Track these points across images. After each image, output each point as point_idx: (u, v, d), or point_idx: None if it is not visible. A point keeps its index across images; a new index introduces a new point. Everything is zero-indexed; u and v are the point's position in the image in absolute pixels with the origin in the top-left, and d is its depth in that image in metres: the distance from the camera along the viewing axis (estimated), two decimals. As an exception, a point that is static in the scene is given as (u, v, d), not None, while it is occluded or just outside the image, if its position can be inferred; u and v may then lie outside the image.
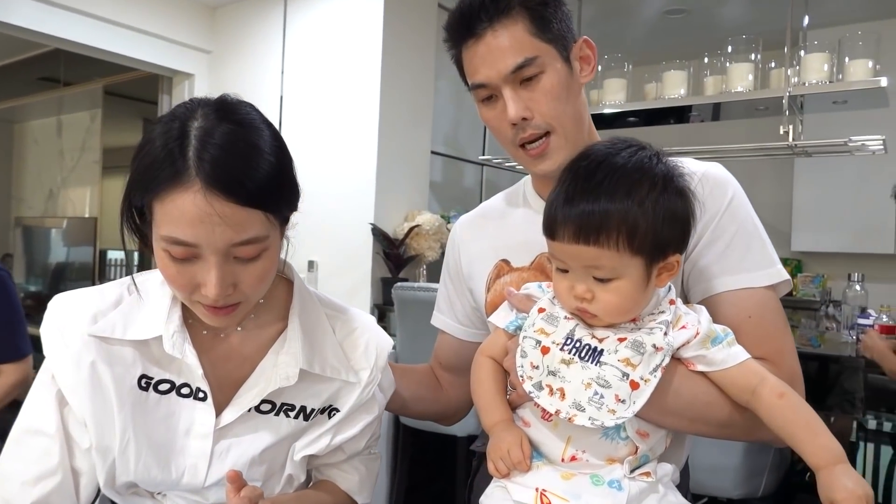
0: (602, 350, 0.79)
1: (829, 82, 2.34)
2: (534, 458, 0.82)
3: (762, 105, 2.59)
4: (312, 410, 0.92)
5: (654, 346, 0.78)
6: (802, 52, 2.41)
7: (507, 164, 3.58)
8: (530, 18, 0.93)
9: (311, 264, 3.07)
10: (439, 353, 1.22)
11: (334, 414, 0.94)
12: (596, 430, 0.79)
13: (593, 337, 0.80)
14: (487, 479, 0.95)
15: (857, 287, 2.49)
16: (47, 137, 5.37)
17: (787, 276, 0.92)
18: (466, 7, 0.95)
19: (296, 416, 0.92)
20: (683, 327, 0.81)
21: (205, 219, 0.75)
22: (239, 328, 0.92)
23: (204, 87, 3.58)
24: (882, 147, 2.43)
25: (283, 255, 0.89)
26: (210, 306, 0.82)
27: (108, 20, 3.13)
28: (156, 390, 0.88)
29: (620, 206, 0.76)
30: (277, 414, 0.91)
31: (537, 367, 0.81)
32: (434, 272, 3.23)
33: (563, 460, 0.81)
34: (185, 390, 0.89)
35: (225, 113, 0.79)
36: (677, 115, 3.07)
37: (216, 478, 0.88)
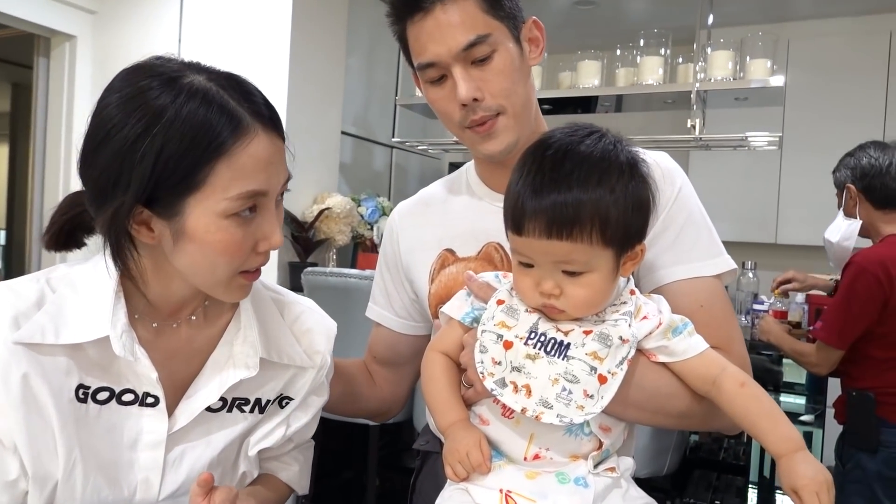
0: (569, 344, 0.76)
1: (734, 79, 2.45)
2: (494, 457, 0.79)
3: (670, 98, 2.68)
4: (267, 402, 0.87)
5: (620, 337, 0.76)
6: (709, 50, 2.51)
7: (419, 148, 3.52)
8: None
9: (211, 247, 2.89)
10: (374, 346, 1.16)
11: (287, 403, 0.89)
12: (560, 427, 0.76)
13: (558, 330, 0.77)
14: (434, 479, 0.90)
15: (750, 275, 2.63)
16: None
17: (734, 265, 0.94)
18: None
19: (251, 411, 0.86)
20: (645, 317, 0.79)
21: (272, 159, 0.75)
22: (193, 317, 0.84)
23: (87, 51, 3.26)
24: (777, 143, 2.58)
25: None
26: (250, 273, 0.79)
27: (-26, -31, 2.78)
28: (94, 400, 0.77)
29: (593, 196, 0.73)
30: (230, 410, 0.85)
31: (499, 363, 0.77)
32: (344, 257, 3.13)
33: (525, 459, 0.78)
34: (126, 397, 0.79)
35: (208, 69, 0.78)
36: (584, 104, 3.13)
37: (171, 489, 0.80)
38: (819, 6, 3.51)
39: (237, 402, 0.85)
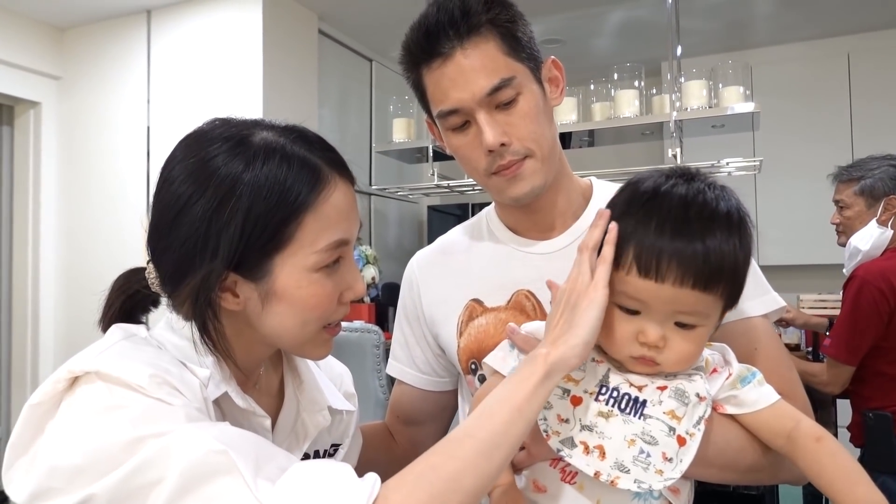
0: (644, 401, 0.70)
1: (709, 107, 2.47)
2: None
3: (648, 130, 2.70)
4: (324, 453, 0.86)
5: (697, 395, 0.70)
6: (682, 80, 2.53)
7: (398, 194, 3.49)
8: (501, 37, 0.85)
9: (191, 309, 2.79)
10: (396, 405, 1.09)
11: (336, 450, 0.88)
12: (630, 493, 0.70)
13: (631, 385, 0.71)
14: None
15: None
16: None
17: (783, 303, 0.89)
18: (431, 24, 0.85)
19: None
20: (715, 371, 0.74)
21: (352, 206, 0.75)
22: (262, 368, 0.83)
23: (53, 117, 3.19)
24: (757, 168, 2.60)
25: None
26: (333, 327, 0.77)
27: (-68, 41, 2.72)
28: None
29: (731, 247, 0.68)
30: None
31: (566, 421, 0.71)
32: (329, 309, 3.06)
33: None
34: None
35: (268, 123, 0.77)
36: (560, 140, 3.15)
37: None
38: (777, 32, 3.61)
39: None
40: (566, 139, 3.14)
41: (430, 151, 3.01)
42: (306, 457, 0.82)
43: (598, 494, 0.71)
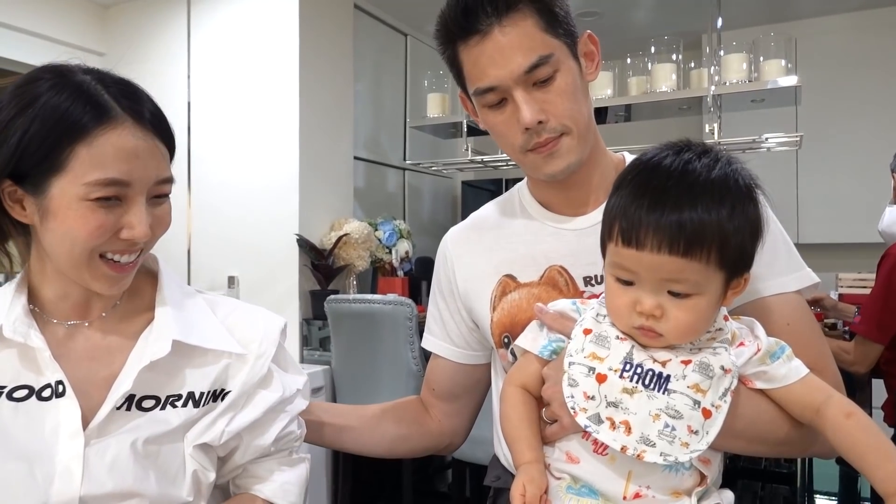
0: (668, 376, 0.71)
1: (749, 81, 2.42)
2: (589, 496, 0.74)
3: (685, 104, 2.66)
4: (202, 395, 0.85)
5: (722, 367, 0.71)
6: (721, 53, 2.49)
7: (432, 169, 3.51)
8: (538, 13, 0.85)
9: (231, 280, 2.87)
10: (432, 379, 1.12)
11: (225, 396, 0.87)
12: (660, 464, 0.71)
13: (655, 361, 0.72)
14: None
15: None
16: None
17: (817, 279, 0.89)
18: (469, 1, 0.85)
19: (184, 405, 0.85)
20: (741, 344, 0.75)
21: (140, 153, 0.78)
22: (104, 314, 0.87)
23: (98, 93, 3.27)
24: (797, 143, 2.55)
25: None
26: (114, 264, 0.81)
27: (-17, 19, 2.80)
28: (10, 398, 0.81)
29: (716, 216, 0.69)
30: (164, 408, 0.84)
31: (592, 398, 0.73)
32: (364, 282, 3.11)
33: (625, 498, 0.73)
34: (46, 392, 0.82)
35: (98, 70, 0.82)
36: (596, 115, 3.12)
37: (94, 485, 0.77)
38: (823, 2, 3.49)
39: (171, 398, 0.84)
40: (602, 114, 3.11)
41: (465, 126, 3.01)
42: (179, 397, 0.84)
43: (628, 465, 0.73)
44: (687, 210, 0.69)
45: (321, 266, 2.75)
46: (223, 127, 2.94)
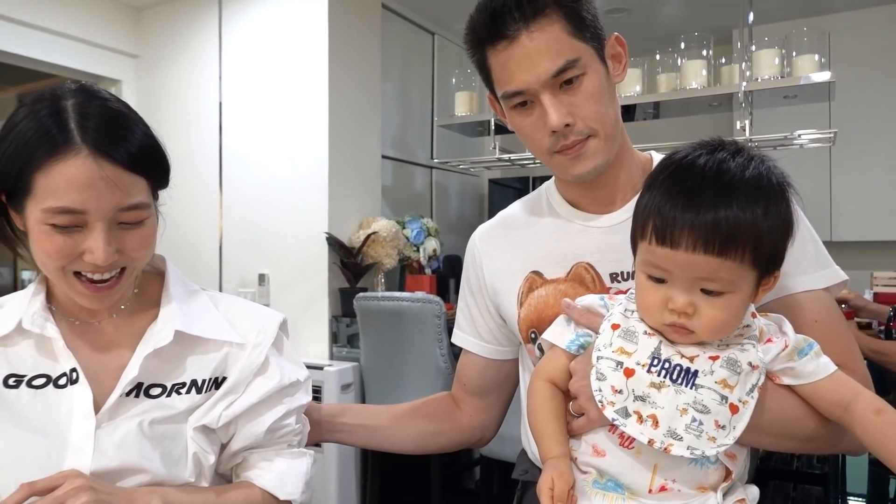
0: (696, 371, 0.72)
1: (781, 77, 2.39)
2: (615, 489, 0.75)
3: (715, 101, 2.63)
4: (204, 382, 0.92)
5: (749, 363, 0.72)
6: (753, 48, 2.45)
7: (459, 167, 3.52)
8: (565, 17, 0.86)
9: (261, 278, 2.91)
10: (462, 375, 1.14)
11: (223, 383, 0.93)
12: (687, 458, 0.72)
13: (682, 356, 0.73)
14: None
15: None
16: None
17: (845, 276, 0.89)
18: (497, 6, 0.87)
19: (188, 392, 0.91)
20: (769, 340, 0.75)
21: (94, 183, 0.79)
22: (114, 315, 0.93)
23: (132, 94, 3.34)
24: (831, 140, 2.51)
25: (158, 233, 0.93)
26: (91, 283, 0.84)
27: (22, 22, 2.88)
28: (30, 386, 0.88)
29: (751, 215, 0.69)
30: (170, 395, 0.90)
31: (620, 392, 0.74)
32: (392, 280, 3.13)
33: (651, 491, 0.74)
34: (62, 381, 0.88)
35: (92, 93, 0.85)
36: (625, 113, 3.09)
37: (104, 461, 0.84)
38: (859, -4, 3.43)
39: (175, 386, 0.90)
40: (630, 111, 3.08)
41: (492, 125, 3.02)
42: (183, 385, 0.91)
43: (654, 459, 0.74)
44: (722, 209, 0.69)
45: (350, 264, 2.78)
46: (254, 127, 2.98)
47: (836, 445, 0.81)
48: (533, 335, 0.98)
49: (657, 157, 1.00)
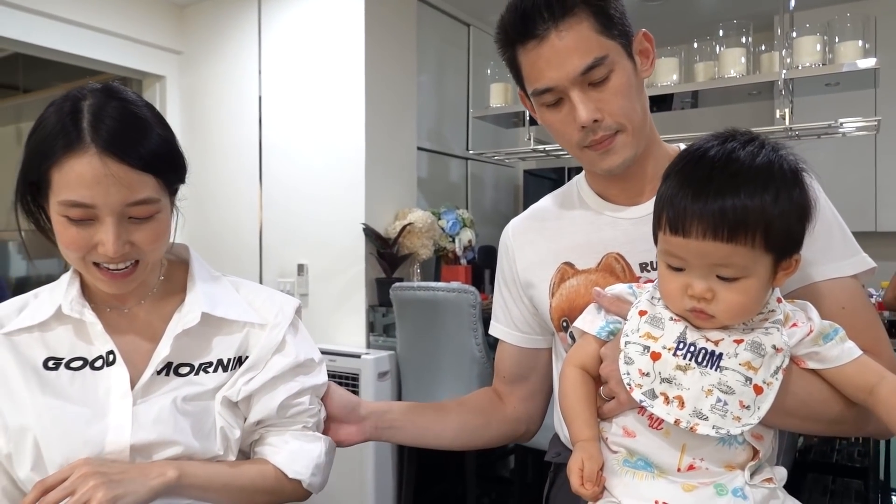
0: (720, 354, 0.75)
1: (823, 65, 2.34)
2: (644, 468, 0.78)
3: (754, 90, 2.59)
4: (229, 361, 0.99)
5: (773, 346, 0.75)
6: (794, 35, 2.41)
7: (494, 158, 3.53)
8: (594, 15, 0.88)
9: (300, 268, 2.98)
10: (500, 365, 1.17)
11: (246, 359, 1.00)
12: (713, 437, 0.75)
13: (707, 340, 0.76)
14: (568, 492, 0.90)
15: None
16: (6, 147, 5.12)
17: (873, 264, 0.90)
18: (527, 6, 0.90)
19: (214, 370, 0.98)
20: (794, 325, 0.77)
21: (101, 180, 0.85)
22: (143, 301, 1.00)
23: (176, 90, 3.44)
24: (875, 128, 2.45)
25: (174, 227, 1.01)
26: (107, 270, 0.90)
27: (71, 21, 2.98)
28: (68, 367, 0.94)
29: (759, 202, 0.72)
30: (198, 373, 0.98)
31: (647, 374, 0.77)
32: (427, 270, 3.17)
33: (679, 470, 0.77)
34: (98, 363, 0.95)
35: (112, 93, 0.91)
36: (660, 103, 3.06)
37: (142, 435, 0.91)
38: (908, -22, 3.32)
39: (203, 365, 0.98)
40: (668, 101, 3.05)
41: (527, 116, 3.02)
42: (210, 364, 0.98)
43: (682, 440, 0.77)
44: (730, 197, 0.71)
45: (386, 254, 2.83)
46: (293, 120, 3.04)
47: (863, 429, 0.82)
48: (564, 324, 1.00)
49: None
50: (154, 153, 0.90)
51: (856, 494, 2.17)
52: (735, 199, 0.71)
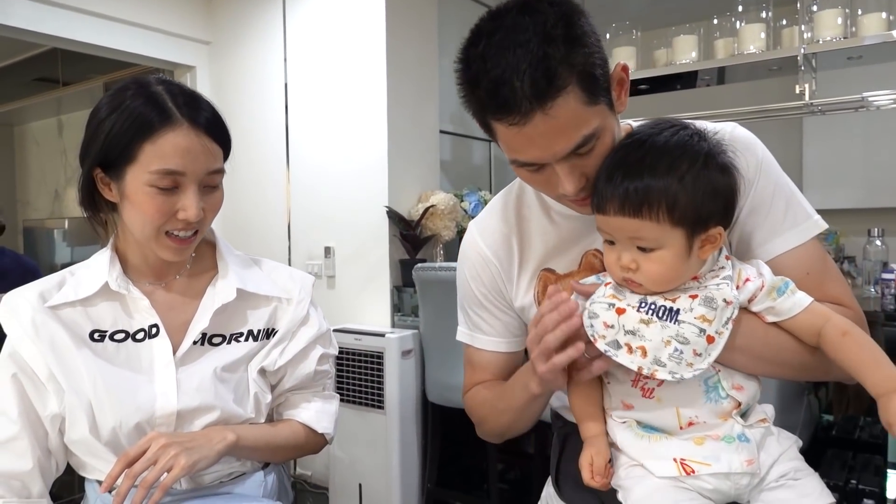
0: (678, 309, 0.83)
1: (844, 38, 2.31)
2: (653, 432, 0.87)
3: (775, 65, 2.56)
4: (259, 332, 1.10)
5: (724, 300, 0.82)
6: (815, 8, 2.38)
7: (516, 140, 3.55)
8: (580, 84, 0.78)
9: (327, 250, 3.07)
10: (485, 371, 1.09)
11: (274, 333, 1.11)
12: (698, 395, 0.84)
13: (666, 299, 0.84)
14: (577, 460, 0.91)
15: (878, 242, 2.47)
16: (48, 138, 5.34)
17: (825, 224, 0.94)
18: (506, 86, 0.76)
19: (245, 340, 1.09)
20: (748, 279, 0.85)
21: (192, 149, 0.97)
22: (178, 276, 1.09)
23: (206, 79, 3.54)
24: (899, 101, 2.41)
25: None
26: (177, 238, 1.00)
27: (106, 16, 3.10)
28: (112, 339, 1.03)
29: (661, 180, 0.80)
30: (230, 343, 1.08)
31: (611, 327, 0.84)
32: (450, 251, 3.23)
33: (681, 428, 0.85)
34: (140, 335, 1.04)
35: (170, 81, 1.02)
36: (684, 80, 3.04)
37: (186, 401, 1.00)
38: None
39: (234, 335, 1.08)
40: (691, 78, 3.03)
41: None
42: (241, 334, 1.08)
43: (674, 403, 0.85)
44: (636, 177, 0.80)
45: (410, 236, 2.89)
46: (317, 106, 3.12)
47: (831, 372, 0.88)
48: None
49: (636, 126, 0.98)
50: (224, 129, 1.03)
51: (876, 469, 2.18)
52: (639, 179, 0.80)
